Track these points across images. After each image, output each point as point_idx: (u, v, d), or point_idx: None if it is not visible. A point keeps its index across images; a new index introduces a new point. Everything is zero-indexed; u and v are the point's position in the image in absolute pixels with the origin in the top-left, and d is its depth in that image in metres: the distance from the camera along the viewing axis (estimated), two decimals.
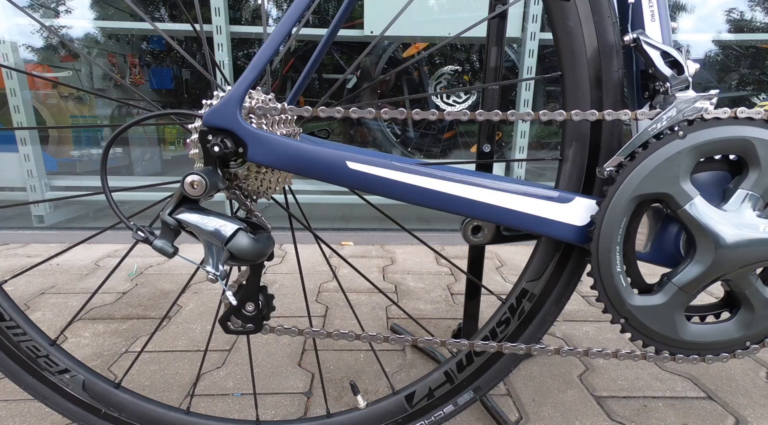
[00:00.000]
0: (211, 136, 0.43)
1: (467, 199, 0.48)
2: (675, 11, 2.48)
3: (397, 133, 2.43)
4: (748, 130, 0.46)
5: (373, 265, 1.47)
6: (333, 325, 1.07)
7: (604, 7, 0.50)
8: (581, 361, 0.92)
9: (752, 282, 0.49)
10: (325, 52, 0.61)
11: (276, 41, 0.41)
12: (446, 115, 0.47)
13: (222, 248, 0.42)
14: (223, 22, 1.82)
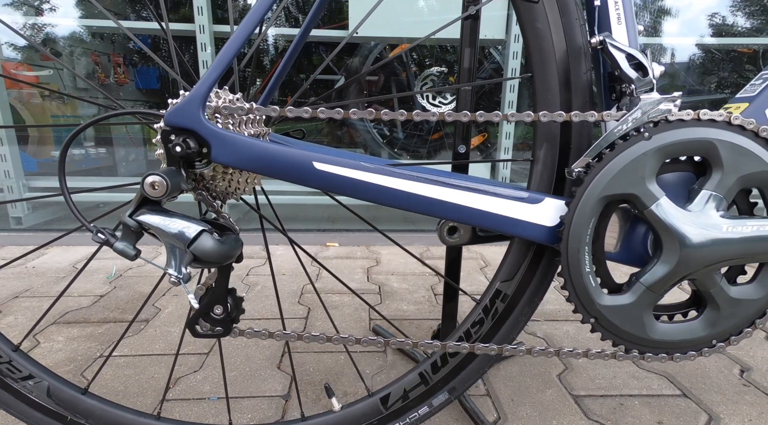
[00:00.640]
0: (173, 135, 0.42)
1: (436, 200, 0.48)
2: (660, 15, 2.52)
3: (384, 134, 2.43)
4: (711, 132, 0.47)
5: (358, 266, 1.47)
6: (315, 327, 1.06)
7: (571, 9, 0.50)
8: (561, 361, 0.93)
9: (717, 281, 0.50)
10: (298, 51, 0.60)
11: (239, 40, 0.41)
12: (415, 115, 0.47)
13: (185, 250, 0.41)
14: (206, 21, 1.81)
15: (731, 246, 0.47)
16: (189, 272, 0.42)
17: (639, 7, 2.52)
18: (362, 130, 2.31)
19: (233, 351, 0.94)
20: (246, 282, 1.33)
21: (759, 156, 0.47)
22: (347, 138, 2.58)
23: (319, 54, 2.69)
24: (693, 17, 2.58)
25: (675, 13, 2.51)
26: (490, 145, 2.36)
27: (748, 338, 0.52)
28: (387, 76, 2.43)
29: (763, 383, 0.85)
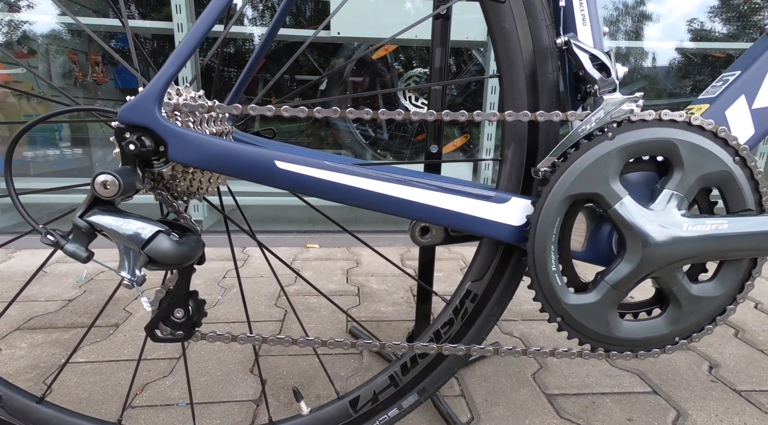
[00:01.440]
0: (128, 133, 0.40)
1: (402, 200, 0.47)
2: (642, 20, 2.59)
3: (368, 135, 2.42)
4: (672, 132, 0.47)
5: (338, 268, 1.46)
6: (291, 330, 1.04)
7: (538, 9, 0.50)
8: (536, 360, 0.93)
9: (679, 279, 0.51)
10: (266, 51, 0.59)
11: (195, 37, 0.39)
12: (381, 114, 0.47)
13: (139, 252, 0.40)
14: (184, 20, 1.77)
15: (691, 245, 0.48)
16: (143, 275, 0.40)
17: (621, 12, 2.58)
18: (345, 131, 2.30)
19: (205, 356, 0.91)
20: (222, 284, 1.30)
21: (717, 156, 0.48)
22: (331, 139, 2.57)
23: (305, 54, 2.67)
24: (673, 22, 2.65)
25: (656, 18, 2.58)
26: (472, 147, 2.38)
27: (709, 335, 0.53)
28: (372, 77, 2.43)
29: (731, 379, 0.87)
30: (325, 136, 2.65)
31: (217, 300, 1.19)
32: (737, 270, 0.51)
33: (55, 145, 2.97)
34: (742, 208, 0.49)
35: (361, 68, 2.42)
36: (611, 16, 2.60)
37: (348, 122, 2.27)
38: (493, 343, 0.99)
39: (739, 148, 0.48)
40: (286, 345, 0.51)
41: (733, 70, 0.53)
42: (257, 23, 2.75)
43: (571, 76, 0.52)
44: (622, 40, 2.60)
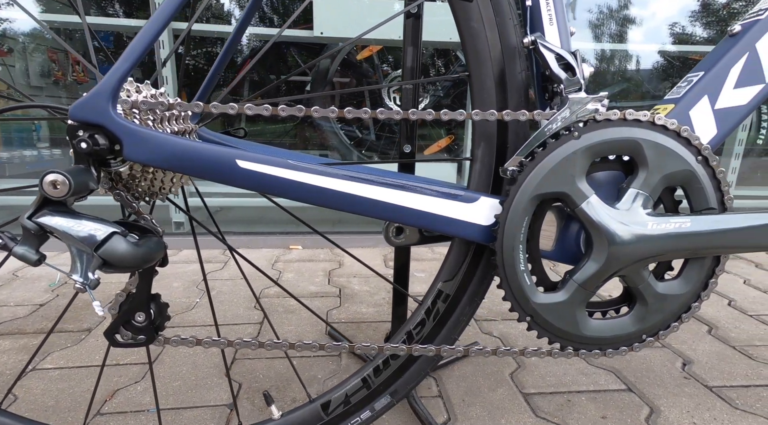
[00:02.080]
0: (81, 131, 0.39)
1: (368, 199, 0.47)
2: (626, 24, 2.63)
3: (353, 136, 2.41)
4: (636, 132, 0.48)
5: (320, 269, 1.45)
6: (269, 332, 1.03)
7: (505, 9, 0.50)
8: (514, 359, 0.94)
9: (645, 277, 0.51)
10: (234, 50, 0.58)
11: (150, 33, 0.38)
12: (346, 112, 0.46)
13: (92, 254, 0.38)
14: None
15: (656, 243, 0.49)
16: (97, 278, 0.39)
17: (605, 16, 2.63)
18: (329, 132, 2.29)
19: (180, 360, 0.90)
20: (201, 287, 1.28)
21: (680, 155, 0.48)
22: (316, 140, 2.55)
23: (292, 55, 2.66)
24: (656, 26, 2.71)
25: (639, 21, 2.63)
26: (457, 147, 2.39)
27: (675, 332, 0.54)
28: (358, 78, 2.42)
29: (702, 375, 0.88)
30: (311, 137, 2.63)
31: (195, 303, 1.17)
32: (701, 268, 0.51)
33: (32, 145, 2.89)
34: (704, 207, 0.50)
35: (347, 69, 2.41)
36: (596, 19, 2.64)
37: (332, 122, 2.25)
38: (473, 343, 0.99)
39: (701, 148, 0.48)
40: (252, 349, 0.50)
41: (697, 71, 0.54)
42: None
43: (539, 75, 0.53)
44: (606, 42, 2.65)
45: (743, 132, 2.03)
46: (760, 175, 2.42)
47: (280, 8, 2.76)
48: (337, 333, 1.01)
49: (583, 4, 2.63)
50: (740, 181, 2.10)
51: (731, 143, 2.06)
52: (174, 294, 1.22)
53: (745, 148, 2.07)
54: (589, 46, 2.60)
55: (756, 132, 2.48)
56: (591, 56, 2.54)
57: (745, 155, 2.08)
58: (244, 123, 2.76)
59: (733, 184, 2.09)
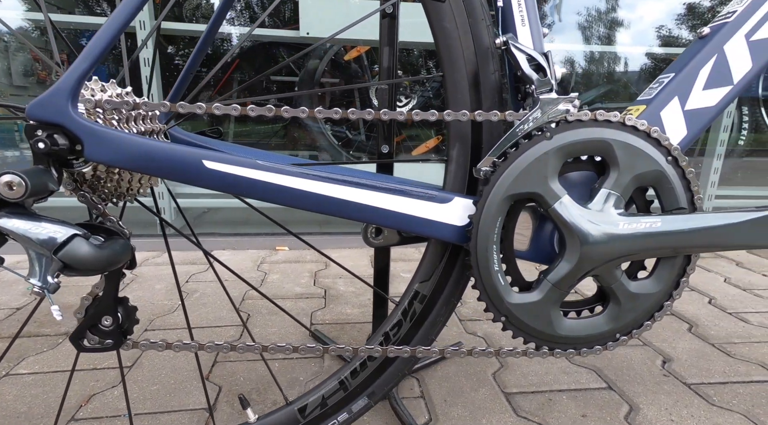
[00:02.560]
0: (40, 131, 0.38)
1: (340, 200, 0.47)
2: (614, 26, 2.66)
3: (341, 136, 2.41)
4: (607, 132, 0.48)
5: (306, 270, 1.44)
6: (253, 334, 1.02)
7: (477, 9, 0.50)
8: (497, 359, 0.94)
9: (617, 277, 0.51)
10: (207, 49, 0.57)
11: (110, 30, 0.37)
12: (317, 112, 0.46)
13: (51, 257, 0.37)
14: (147, 17, 1.72)
15: (627, 243, 0.49)
16: (57, 282, 0.38)
17: (594, 18, 2.66)
18: (316, 132, 2.28)
19: (159, 363, 0.88)
20: (184, 289, 1.26)
21: (651, 155, 0.49)
22: (305, 141, 2.54)
23: (282, 55, 2.64)
24: (644, 29, 2.75)
25: (627, 24, 2.66)
26: (444, 148, 2.39)
27: (648, 330, 0.54)
28: (347, 78, 2.41)
29: (682, 372, 0.89)
30: (299, 138, 2.62)
31: (178, 306, 1.15)
32: (672, 267, 0.52)
33: (14, 146, 2.84)
34: (675, 207, 0.50)
35: (336, 69, 2.40)
36: (585, 22, 2.67)
37: (320, 123, 2.24)
38: (457, 343, 0.99)
39: (671, 148, 0.49)
40: (224, 352, 0.49)
41: (669, 72, 0.54)
42: (235, 23, 2.70)
43: (511, 76, 0.53)
44: (595, 44, 2.68)
45: (725, 133, 2.07)
46: (740, 175, 2.46)
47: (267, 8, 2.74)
48: (318, 335, 1.00)
49: (572, 7, 2.66)
50: (722, 181, 2.13)
51: (713, 144, 2.10)
52: (156, 296, 1.21)
53: (727, 149, 2.11)
54: (578, 47, 2.63)
55: (737, 133, 2.52)
56: (580, 58, 2.57)
57: (727, 156, 2.12)
58: (233, 124, 2.74)
59: (716, 184, 2.13)
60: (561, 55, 2.52)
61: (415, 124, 2.47)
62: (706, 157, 2.14)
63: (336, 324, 1.08)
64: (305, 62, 2.40)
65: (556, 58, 1.76)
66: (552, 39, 2.63)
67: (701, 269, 1.52)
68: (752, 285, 1.38)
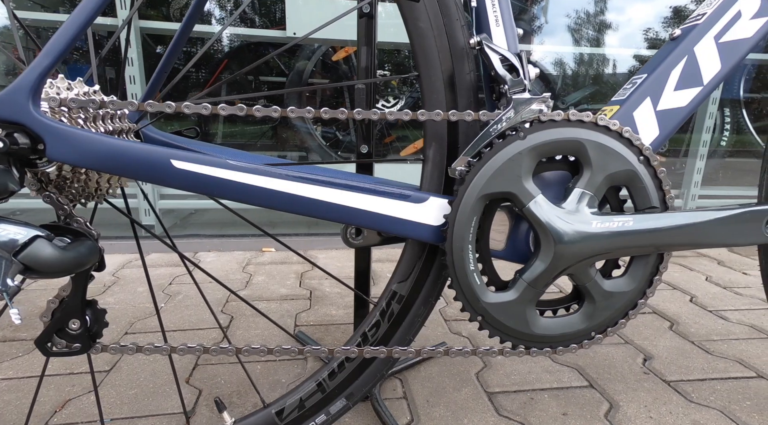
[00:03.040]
0: None
1: (314, 200, 0.46)
2: (602, 29, 2.70)
3: (329, 137, 2.40)
4: (579, 132, 0.49)
5: (292, 272, 1.43)
6: (235, 336, 1.01)
7: (452, 9, 0.50)
8: (480, 359, 0.94)
9: (592, 275, 0.52)
10: (181, 48, 0.57)
11: (73, 27, 0.37)
12: (273, 111, 0.45)
13: (10, 259, 0.36)
14: None
15: (600, 242, 0.49)
16: (17, 284, 0.37)
17: (583, 21, 2.69)
18: (304, 133, 2.27)
19: (138, 367, 0.87)
20: (167, 291, 1.25)
21: (623, 155, 0.49)
22: (295, 141, 2.53)
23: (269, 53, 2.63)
24: (632, 32, 2.79)
25: (615, 26, 2.70)
26: None
27: (622, 329, 0.55)
28: (335, 79, 2.41)
29: (662, 370, 0.91)
30: (288, 138, 2.60)
31: (160, 308, 1.14)
32: (646, 266, 0.52)
33: None
34: (647, 206, 0.51)
35: (323, 70, 2.40)
36: (574, 24, 2.70)
37: (308, 123, 2.24)
38: (441, 343, 0.99)
39: (642, 148, 0.49)
40: (197, 354, 0.49)
41: (642, 73, 0.55)
42: (223, 23, 2.69)
43: (486, 76, 0.53)
44: (585, 46, 2.71)
45: (707, 134, 2.11)
46: (721, 175, 2.51)
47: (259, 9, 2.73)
48: (301, 337, 0.99)
49: (561, 10, 2.69)
50: (705, 181, 2.17)
51: (696, 145, 2.13)
52: (138, 299, 1.19)
53: (710, 150, 2.14)
54: (567, 49, 2.66)
55: (719, 134, 2.57)
56: (569, 59, 2.60)
57: (710, 156, 2.16)
58: (222, 124, 2.72)
59: (699, 184, 2.16)
60: (551, 56, 2.55)
61: (404, 125, 2.47)
62: (689, 158, 2.18)
63: (321, 326, 1.07)
64: (294, 63, 2.39)
65: (545, 60, 1.77)
66: (542, 41, 2.67)
67: (684, 268, 1.54)
68: (732, 283, 1.40)
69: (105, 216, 0.61)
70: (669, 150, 2.60)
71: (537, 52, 2.53)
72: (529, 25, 2.62)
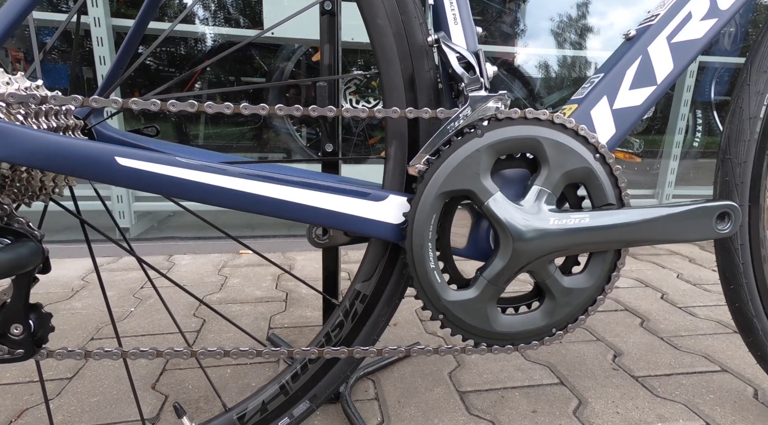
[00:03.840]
0: None
1: (270, 198, 0.45)
2: (584, 33, 2.75)
3: (310, 138, 2.38)
4: (536, 130, 0.49)
5: (269, 274, 1.41)
6: (206, 340, 0.99)
7: (410, 7, 0.50)
8: (454, 358, 0.94)
9: (551, 272, 0.52)
10: (135, 46, 0.55)
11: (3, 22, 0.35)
12: (225, 107, 0.44)
13: None
14: (101, 14, 1.66)
15: (558, 239, 0.50)
16: None
17: (566, 24, 2.74)
18: (284, 134, 2.25)
19: (102, 374, 0.84)
20: (138, 295, 1.21)
21: (579, 153, 0.50)
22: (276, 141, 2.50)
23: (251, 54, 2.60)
24: (614, 35, 2.85)
25: (597, 30, 2.75)
26: None
27: (582, 325, 0.55)
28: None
29: (630, 366, 0.92)
30: (269, 139, 2.58)
31: (129, 312, 1.11)
32: (604, 262, 0.53)
33: None
34: (604, 203, 0.51)
35: (305, 70, 2.38)
36: (557, 27, 2.75)
37: (287, 124, 2.22)
38: (415, 343, 0.99)
39: (598, 146, 0.50)
40: (150, 359, 0.47)
41: (599, 72, 0.56)
42: (209, 23, 2.66)
43: (446, 74, 0.53)
44: (568, 49, 2.76)
45: (680, 135, 2.16)
46: (692, 175, 2.58)
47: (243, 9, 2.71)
48: (274, 339, 0.98)
49: (545, 13, 2.73)
50: (678, 181, 2.23)
51: (670, 146, 2.19)
52: None
53: (683, 151, 2.20)
54: (551, 52, 2.71)
55: (692, 135, 2.65)
56: (553, 62, 2.65)
57: (683, 157, 2.22)
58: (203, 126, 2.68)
59: (673, 183, 2.22)
60: (535, 59, 2.59)
61: None
62: (663, 159, 2.23)
63: (295, 328, 1.06)
64: (275, 63, 2.37)
65: (530, 63, 1.78)
66: (526, 43, 2.71)
67: (657, 266, 1.58)
68: (702, 280, 1.44)
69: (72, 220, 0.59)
70: (645, 151, 2.66)
71: (521, 54, 2.57)
72: (512, 28, 2.66)
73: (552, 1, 2.73)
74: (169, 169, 0.41)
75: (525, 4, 2.68)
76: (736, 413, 0.77)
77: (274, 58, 2.30)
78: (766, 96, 0.55)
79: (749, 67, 0.57)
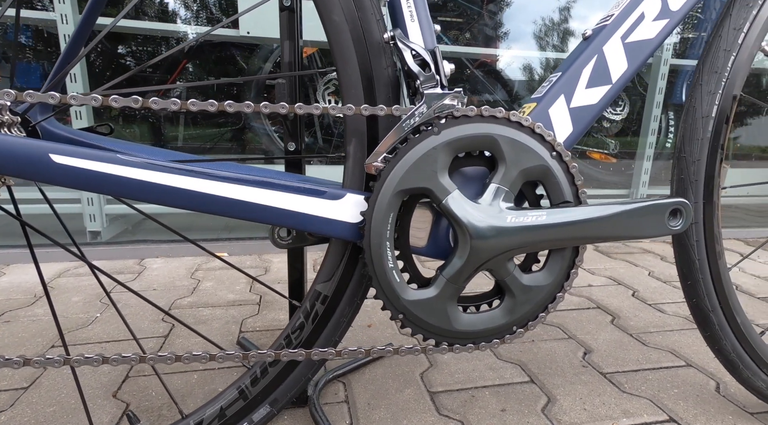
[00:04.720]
0: None
1: (222, 198, 0.44)
2: (566, 36, 2.79)
3: None
4: (492, 128, 0.49)
5: (242, 277, 1.38)
6: (174, 345, 0.96)
7: (366, 4, 0.50)
8: (427, 358, 0.94)
9: (510, 270, 0.52)
10: (83, 41, 0.53)
11: None
12: (172, 103, 0.43)
13: None
14: (69, 11, 1.61)
15: (514, 236, 0.50)
16: None
17: (548, 28, 2.78)
18: (262, 134, 2.22)
19: (60, 383, 0.81)
20: (105, 301, 1.18)
21: (536, 151, 0.50)
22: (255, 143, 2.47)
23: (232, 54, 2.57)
24: None
25: (578, 35, 2.80)
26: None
27: (543, 322, 0.55)
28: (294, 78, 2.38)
29: (599, 363, 0.93)
30: (250, 140, 2.55)
31: (95, 318, 1.07)
32: (562, 259, 0.53)
33: None
34: (561, 200, 0.52)
35: (279, 70, 2.36)
36: (539, 31, 2.80)
37: (265, 125, 2.19)
38: (385, 345, 0.98)
39: (554, 144, 0.50)
40: (95, 366, 0.45)
41: (558, 71, 0.56)
42: (192, 23, 2.62)
43: (404, 71, 0.53)
44: (550, 52, 2.80)
45: (653, 136, 2.22)
46: (664, 175, 2.65)
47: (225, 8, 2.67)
48: (244, 343, 0.96)
49: (528, 16, 2.77)
50: (652, 182, 2.29)
51: (643, 147, 2.24)
52: (71, 309, 1.11)
53: (655, 152, 2.26)
54: (533, 54, 2.75)
55: (665, 136, 2.72)
56: (536, 64, 2.69)
57: (656, 158, 2.28)
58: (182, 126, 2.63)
59: (647, 183, 2.27)
60: (519, 61, 2.63)
61: None
62: (636, 160, 2.28)
63: (267, 331, 1.04)
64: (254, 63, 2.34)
65: (514, 65, 1.80)
66: (509, 46, 2.74)
67: (629, 264, 1.61)
68: (672, 277, 1.47)
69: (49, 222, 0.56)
70: (620, 152, 2.72)
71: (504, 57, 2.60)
72: (494, 31, 2.69)
73: (533, 4, 2.77)
74: (109, 167, 0.40)
75: (507, 8, 2.71)
76: (698, 406, 0.79)
77: (252, 58, 2.27)
78: (717, 95, 0.56)
79: (701, 68, 0.58)
